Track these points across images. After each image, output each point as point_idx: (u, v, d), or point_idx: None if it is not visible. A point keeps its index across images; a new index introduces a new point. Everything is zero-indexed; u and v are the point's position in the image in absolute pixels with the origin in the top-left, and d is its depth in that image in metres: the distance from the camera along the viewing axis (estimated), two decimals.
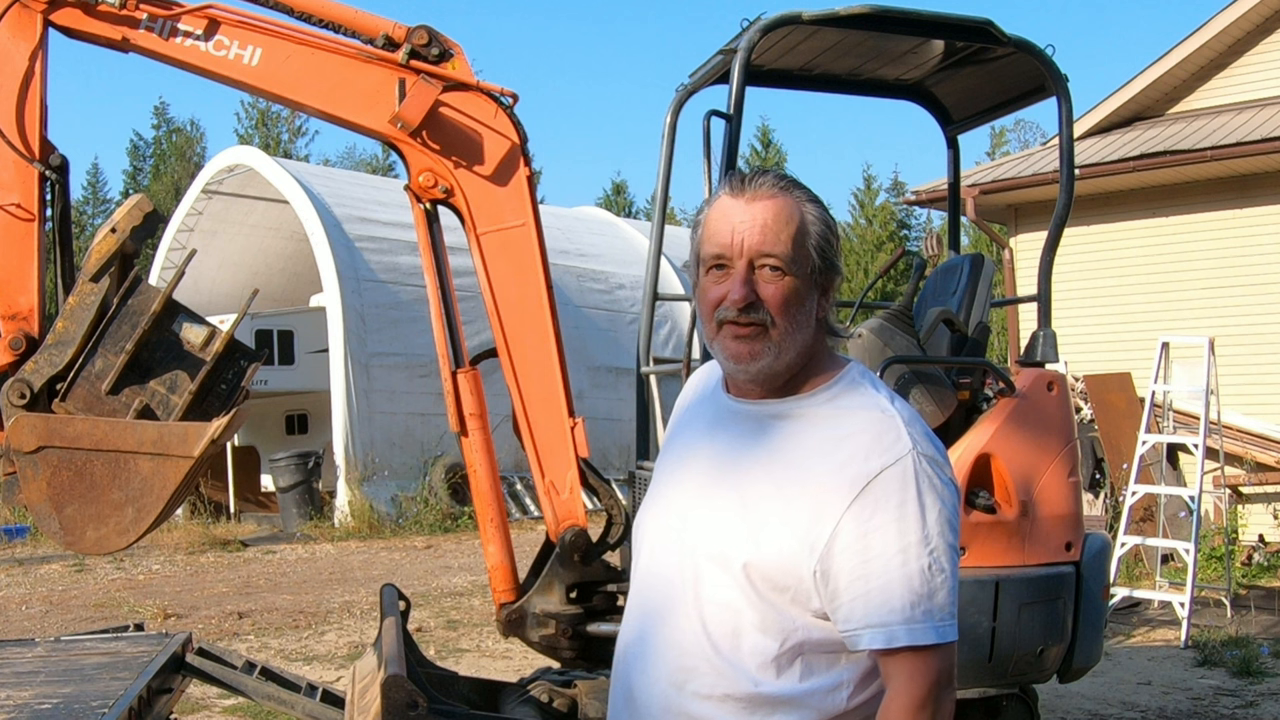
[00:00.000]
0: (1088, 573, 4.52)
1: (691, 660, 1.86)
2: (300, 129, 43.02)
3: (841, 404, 1.88)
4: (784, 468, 1.85)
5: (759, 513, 1.84)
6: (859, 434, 1.83)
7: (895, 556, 1.76)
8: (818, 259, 1.86)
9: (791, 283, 1.84)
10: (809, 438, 1.86)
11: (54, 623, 9.47)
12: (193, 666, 4.35)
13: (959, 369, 4.72)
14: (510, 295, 4.32)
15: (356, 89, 4.18)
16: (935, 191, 12.92)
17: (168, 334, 3.84)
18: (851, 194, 42.23)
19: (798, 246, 1.84)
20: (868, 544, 1.76)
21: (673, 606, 1.90)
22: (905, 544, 1.76)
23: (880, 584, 1.76)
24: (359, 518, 16.03)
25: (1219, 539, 10.19)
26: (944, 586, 1.77)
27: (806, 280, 1.86)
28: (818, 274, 1.87)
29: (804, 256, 1.85)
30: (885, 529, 1.76)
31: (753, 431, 1.91)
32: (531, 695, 4.12)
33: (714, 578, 1.85)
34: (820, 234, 1.87)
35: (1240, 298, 11.43)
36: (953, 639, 1.79)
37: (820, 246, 1.86)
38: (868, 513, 1.77)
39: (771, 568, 1.81)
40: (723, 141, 4.41)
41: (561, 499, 4.34)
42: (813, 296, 1.87)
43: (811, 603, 1.80)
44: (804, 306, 1.86)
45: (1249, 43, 12.15)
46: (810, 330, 1.88)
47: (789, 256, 1.83)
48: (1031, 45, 4.70)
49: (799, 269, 1.84)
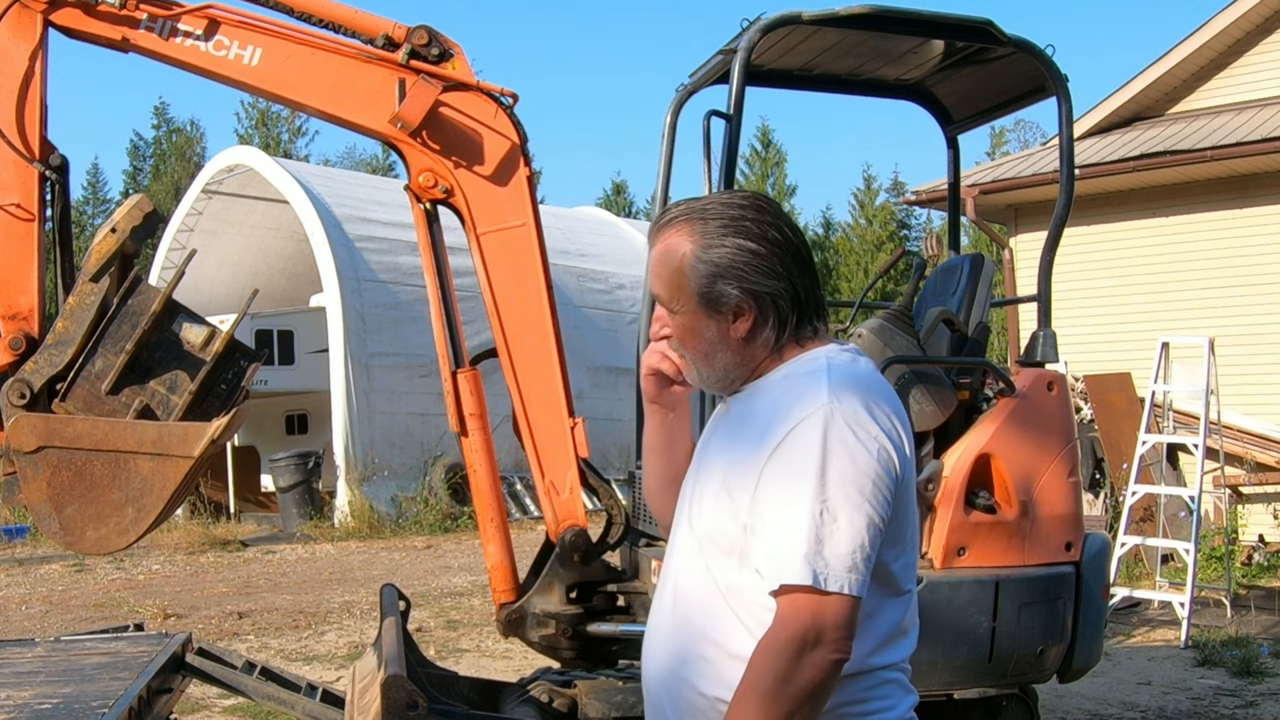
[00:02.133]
0: (1088, 573, 4.52)
1: (678, 634, 1.96)
2: (300, 129, 43.02)
3: (792, 374, 1.95)
4: (736, 438, 1.96)
5: (713, 483, 1.95)
6: (789, 396, 1.89)
7: (787, 503, 1.80)
8: (699, 294, 1.94)
9: (679, 320, 1.98)
10: (759, 408, 1.95)
11: (54, 623, 9.47)
12: (193, 666, 4.35)
13: (959, 369, 4.72)
14: (510, 295, 4.32)
15: (356, 89, 4.18)
16: (935, 191, 12.92)
17: (168, 334, 3.83)
18: (851, 194, 42.21)
19: (676, 286, 1.95)
20: (773, 493, 1.83)
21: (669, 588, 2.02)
22: (799, 493, 1.79)
23: (773, 530, 1.81)
24: (359, 518, 16.03)
25: (1219, 539, 10.19)
26: (835, 537, 1.77)
27: (696, 314, 1.95)
28: (707, 305, 1.94)
29: (685, 295, 1.95)
30: (786, 478, 1.82)
31: (726, 415, 2.06)
32: (531, 695, 4.12)
33: (692, 553, 1.97)
34: (705, 272, 1.93)
35: (1240, 298, 11.43)
36: (837, 591, 1.76)
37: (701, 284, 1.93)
38: (780, 465, 1.83)
39: (718, 532, 1.91)
40: (723, 141, 4.42)
41: (561, 499, 4.34)
42: (711, 325, 1.95)
43: (756, 560, 1.86)
44: (702, 336, 1.96)
45: (1249, 43, 12.15)
46: (726, 351, 1.97)
47: (670, 297, 1.98)
48: (1031, 45, 4.70)
49: (684, 306, 1.96)
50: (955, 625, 4.23)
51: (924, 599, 4.18)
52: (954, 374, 4.69)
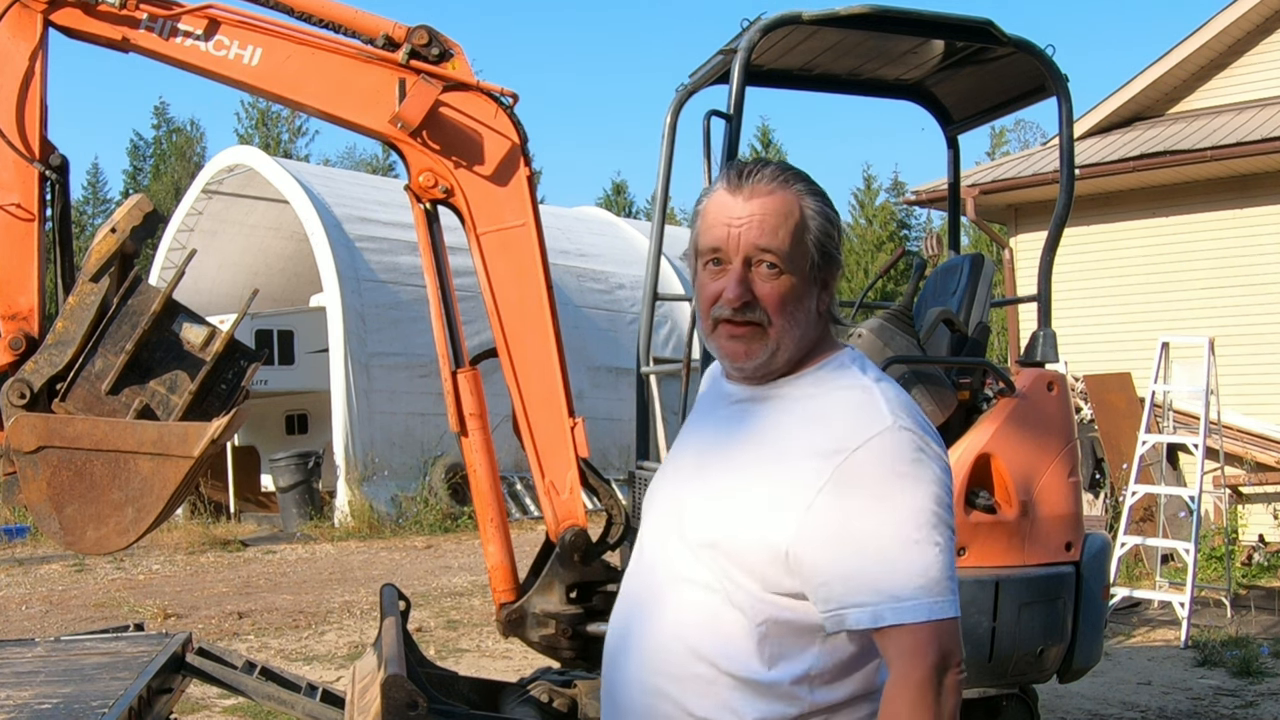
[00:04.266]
0: (1088, 573, 4.52)
1: (665, 646, 1.84)
2: (300, 129, 43.04)
3: (824, 383, 1.85)
4: (761, 446, 1.83)
5: (732, 492, 1.82)
6: (837, 410, 1.79)
7: (878, 533, 1.70)
8: (816, 254, 1.82)
9: (789, 280, 1.80)
10: (788, 416, 1.83)
11: (54, 623, 9.47)
12: (193, 666, 4.35)
13: (959, 369, 4.72)
14: (510, 295, 4.32)
15: (356, 89, 4.18)
16: (935, 191, 12.91)
17: (168, 334, 3.83)
18: (851, 194, 42.15)
19: (795, 243, 1.80)
20: (848, 522, 1.71)
21: (652, 593, 1.89)
22: (888, 520, 1.70)
23: (864, 562, 1.70)
24: (359, 518, 16.03)
25: (1219, 539, 10.19)
26: (937, 562, 1.71)
27: (804, 277, 1.82)
28: (816, 269, 1.83)
29: (802, 253, 1.81)
30: (866, 506, 1.71)
31: (740, 415, 1.90)
32: (531, 695, 4.12)
33: (689, 562, 1.84)
34: (820, 228, 1.82)
35: (1240, 298, 11.43)
36: (951, 615, 1.72)
37: (820, 241, 1.82)
38: (847, 490, 1.72)
39: (739, 547, 1.78)
40: (723, 141, 4.41)
41: (561, 499, 4.34)
42: (812, 292, 1.84)
43: (782, 584, 1.76)
44: (802, 304, 1.82)
45: (1249, 43, 12.15)
46: (810, 325, 1.85)
47: (786, 254, 1.80)
48: (1031, 45, 4.70)
49: (796, 266, 1.81)
50: None
51: None
52: (954, 374, 4.69)
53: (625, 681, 1.90)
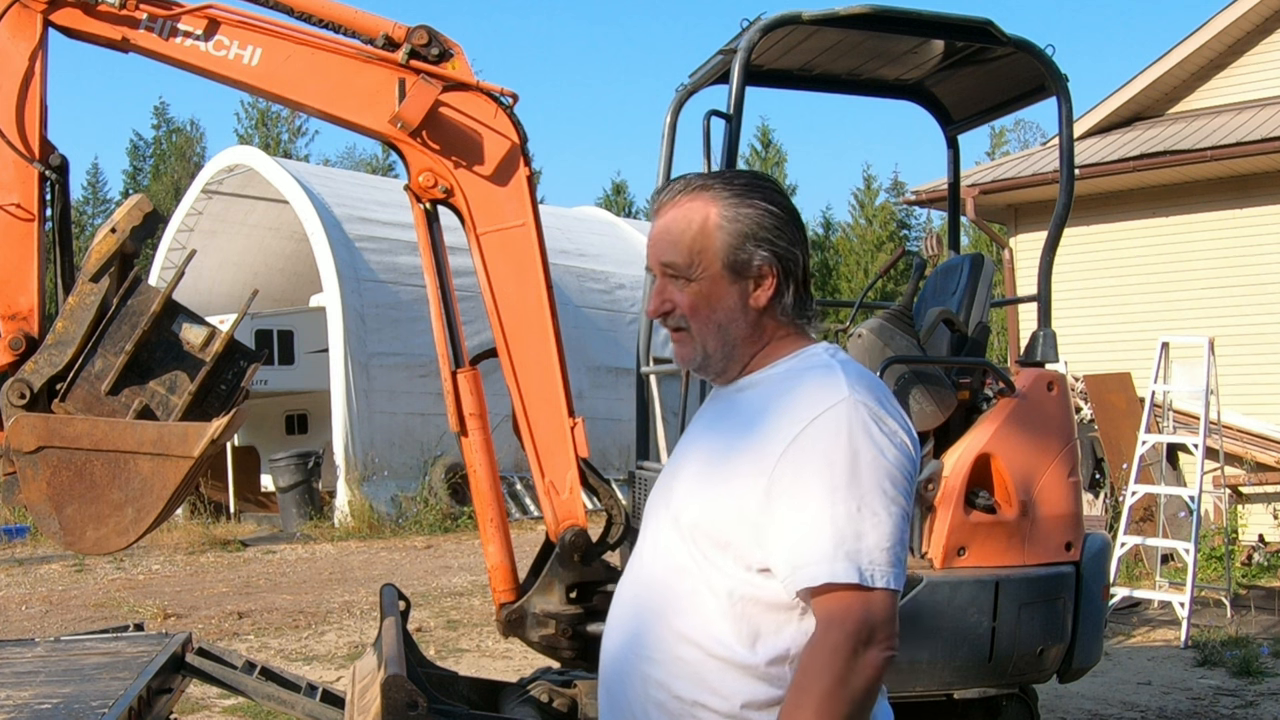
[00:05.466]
0: (1088, 573, 4.52)
1: (652, 631, 1.89)
2: (300, 129, 43.03)
3: (796, 369, 1.91)
4: (738, 430, 1.90)
5: (713, 473, 1.89)
6: (802, 389, 1.86)
7: (819, 497, 1.74)
8: (728, 255, 1.89)
9: (695, 287, 1.91)
10: (763, 401, 1.90)
11: (54, 623, 9.47)
12: (193, 666, 4.35)
13: (959, 369, 4.72)
14: (510, 295, 4.32)
15: (356, 89, 4.17)
16: (935, 191, 12.92)
17: (167, 334, 3.83)
18: (851, 194, 42.25)
19: (698, 250, 1.89)
20: (796, 488, 1.76)
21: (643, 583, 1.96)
22: (831, 485, 1.74)
23: (805, 526, 1.74)
24: (359, 518, 16.03)
25: (1219, 539, 10.20)
26: (875, 530, 1.73)
27: (716, 279, 1.90)
28: (733, 269, 1.90)
29: (708, 259, 1.89)
30: (813, 472, 1.76)
31: (724, 407, 1.99)
32: (531, 695, 4.11)
33: (675, 546, 1.90)
34: (734, 231, 1.89)
35: (1240, 298, 11.43)
36: (884, 586, 1.72)
37: (730, 244, 1.89)
38: (800, 458, 1.77)
39: (712, 524, 1.84)
40: (723, 141, 4.42)
41: (561, 499, 4.34)
42: (733, 291, 1.91)
43: (754, 557, 1.81)
44: (717, 305, 1.90)
45: (1249, 43, 12.15)
46: (741, 322, 1.92)
47: (686, 263, 1.90)
48: (1031, 45, 4.70)
49: (702, 271, 1.90)
50: (955, 625, 4.23)
51: (924, 599, 4.20)
52: (954, 374, 4.69)
53: (619, 673, 1.94)
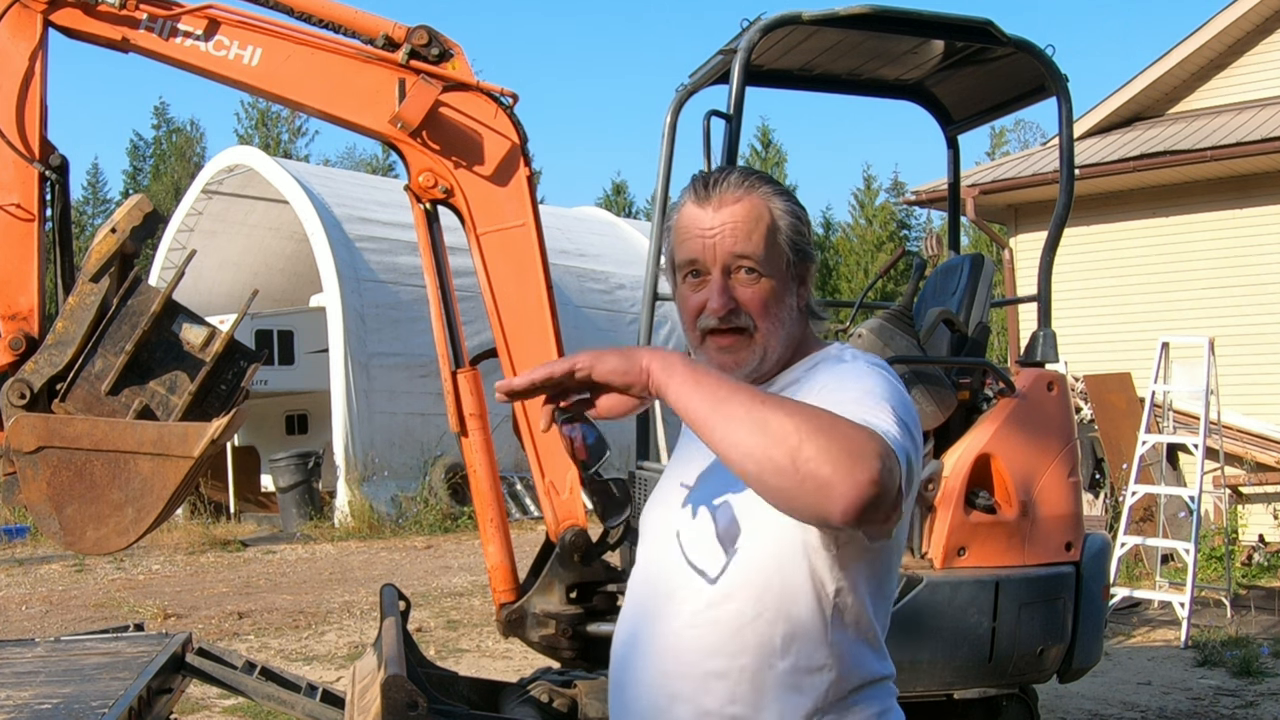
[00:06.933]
0: (1088, 573, 4.52)
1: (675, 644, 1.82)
2: (300, 129, 43.01)
3: (816, 365, 1.89)
4: None
5: (723, 481, 1.80)
6: (820, 371, 1.85)
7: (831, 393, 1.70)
8: (791, 253, 1.86)
9: (769, 283, 1.84)
10: (780, 390, 1.85)
11: (54, 623, 9.47)
12: (193, 666, 4.34)
13: (959, 369, 4.72)
14: (510, 295, 4.32)
15: (356, 89, 4.18)
16: (935, 191, 12.92)
17: (167, 334, 3.83)
18: (851, 194, 42.27)
19: (769, 245, 1.84)
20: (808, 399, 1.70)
21: (658, 592, 1.88)
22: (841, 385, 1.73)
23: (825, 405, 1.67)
24: (359, 518, 16.03)
25: (1219, 539, 10.20)
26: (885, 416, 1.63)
27: (782, 276, 1.86)
28: (793, 267, 1.87)
29: (777, 254, 1.85)
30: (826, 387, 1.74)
31: None
32: (531, 695, 4.12)
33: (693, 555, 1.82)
34: (790, 226, 1.87)
35: (1240, 298, 11.43)
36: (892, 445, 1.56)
37: (792, 239, 1.86)
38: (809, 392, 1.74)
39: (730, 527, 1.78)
40: (723, 141, 4.42)
41: (561, 499, 4.34)
42: (791, 290, 1.88)
43: None
44: (783, 303, 1.86)
45: (1249, 43, 12.15)
46: (793, 322, 1.89)
47: (762, 257, 1.83)
48: (1031, 45, 4.70)
49: (773, 267, 1.84)
50: (955, 625, 4.23)
51: (924, 599, 4.20)
52: (954, 374, 4.69)
53: (636, 682, 1.88)
